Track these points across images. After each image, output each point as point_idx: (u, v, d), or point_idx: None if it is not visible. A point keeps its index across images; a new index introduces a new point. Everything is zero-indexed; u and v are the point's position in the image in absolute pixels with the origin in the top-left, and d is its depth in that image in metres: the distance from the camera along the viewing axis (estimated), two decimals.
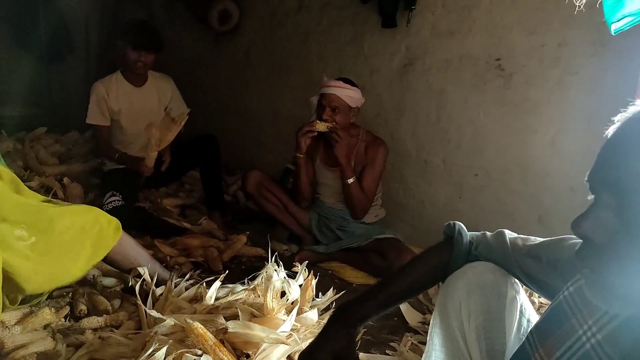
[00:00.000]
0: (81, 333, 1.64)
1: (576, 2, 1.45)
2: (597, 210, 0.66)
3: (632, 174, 0.62)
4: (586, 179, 0.70)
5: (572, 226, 0.67)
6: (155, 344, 1.41)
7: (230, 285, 1.91)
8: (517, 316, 1.01)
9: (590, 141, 2.09)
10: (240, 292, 1.81)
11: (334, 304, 1.89)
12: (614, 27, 1.36)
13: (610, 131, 0.69)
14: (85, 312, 1.77)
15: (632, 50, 1.95)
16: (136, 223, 2.54)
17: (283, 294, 1.77)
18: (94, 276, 2.02)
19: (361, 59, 3.02)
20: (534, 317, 1.05)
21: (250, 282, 1.89)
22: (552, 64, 2.23)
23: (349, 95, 2.38)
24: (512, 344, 0.99)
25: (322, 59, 3.28)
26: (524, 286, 1.06)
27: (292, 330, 1.58)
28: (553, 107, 2.25)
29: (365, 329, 1.81)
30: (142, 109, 2.92)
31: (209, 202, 2.96)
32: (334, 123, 2.34)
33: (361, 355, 1.69)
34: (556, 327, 0.81)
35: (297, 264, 2.00)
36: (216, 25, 3.84)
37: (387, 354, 1.75)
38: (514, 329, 1.01)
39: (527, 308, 1.04)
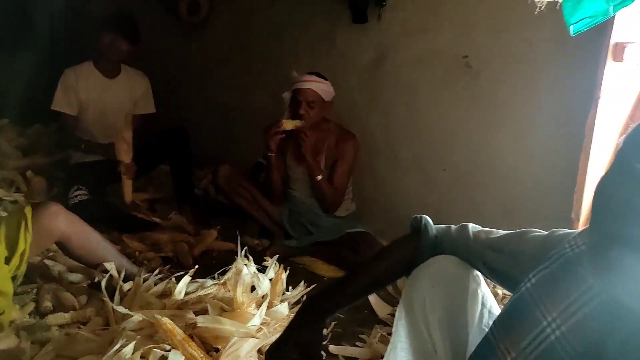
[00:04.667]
0: (47, 330, 1.61)
1: (537, 3, 1.49)
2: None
3: None
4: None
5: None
6: (123, 339, 1.40)
7: (200, 280, 1.90)
8: (479, 308, 1.04)
9: (555, 137, 2.16)
10: (210, 287, 1.81)
11: (305, 297, 1.90)
12: (572, 28, 1.41)
13: None
14: (51, 309, 1.73)
15: (594, 49, 2.01)
16: (103, 218, 2.49)
17: (254, 288, 1.78)
18: (59, 272, 1.98)
19: (334, 54, 3.03)
20: (495, 309, 1.08)
21: (220, 277, 1.89)
22: (518, 62, 2.28)
23: (324, 89, 2.40)
24: (474, 335, 1.03)
25: (295, 53, 3.26)
26: (486, 278, 1.09)
27: (262, 324, 1.59)
28: (519, 103, 2.30)
29: (335, 322, 1.83)
30: (111, 102, 2.85)
31: (179, 197, 2.92)
32: (301, 121, 2.35)
33: (331, 347, 1.71)
34: (520, 318, 0.83)
35: (268, 258, 2.00)
36: (185, 16, 3.78)
37: (357, 346, 1.78)
38: (476, 320, 1.04)
39: (488, 299, 1.07)
